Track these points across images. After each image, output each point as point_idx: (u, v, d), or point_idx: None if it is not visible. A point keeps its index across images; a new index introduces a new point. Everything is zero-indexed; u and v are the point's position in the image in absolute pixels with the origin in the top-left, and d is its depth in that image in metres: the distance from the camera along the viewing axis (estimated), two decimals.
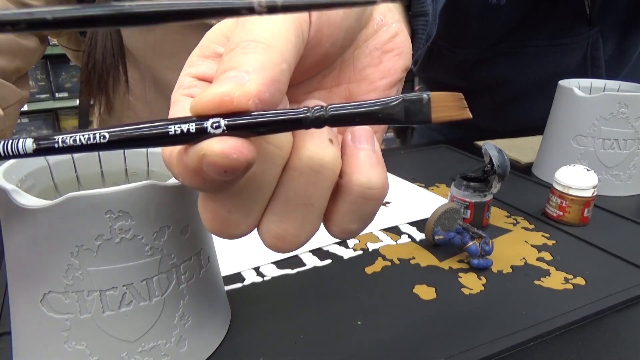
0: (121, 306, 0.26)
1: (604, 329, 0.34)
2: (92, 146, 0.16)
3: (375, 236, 0.47)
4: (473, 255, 0.41)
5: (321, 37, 0.20)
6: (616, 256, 0.44)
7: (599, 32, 0.75)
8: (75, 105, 2.33)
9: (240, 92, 0.15)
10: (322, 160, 0.18)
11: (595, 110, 0.56)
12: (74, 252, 0.25)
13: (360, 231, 0.21)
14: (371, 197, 0.19)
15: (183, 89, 0.19)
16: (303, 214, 0.19)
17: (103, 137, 0.16)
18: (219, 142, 0.15)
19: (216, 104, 0.15)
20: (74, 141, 0.16)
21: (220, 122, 0.15)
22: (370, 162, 0.19)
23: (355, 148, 0.19)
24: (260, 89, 0.16)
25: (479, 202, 0.48)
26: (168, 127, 0.16)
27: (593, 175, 0.49)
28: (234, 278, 0.39)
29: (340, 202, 0.20)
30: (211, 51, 0.20)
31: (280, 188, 0.19)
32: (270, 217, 0.19)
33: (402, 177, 0.62)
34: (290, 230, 0.19)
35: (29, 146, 0.16)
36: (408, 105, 0.17)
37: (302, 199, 0.19)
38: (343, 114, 0.17)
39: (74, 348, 0.26)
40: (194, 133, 0.16)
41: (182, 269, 0.28)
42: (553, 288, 0.39)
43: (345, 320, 0.35)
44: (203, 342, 0.31)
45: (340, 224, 0.20)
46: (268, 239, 0.19)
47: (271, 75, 0.16)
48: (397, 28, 0.24)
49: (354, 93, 0.24)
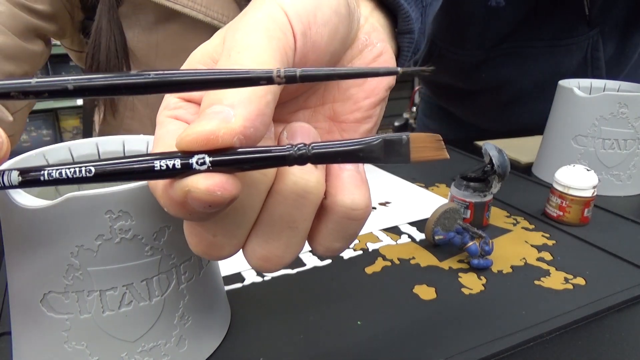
0: (121, 306, 0.26)
1: (604, 329, 0.34)
2: (78, 179, 0.16)
3: (375, 236, 0.47)
4: (473, 255, 0.41)
5: (306, 62, 0.20)
6: (616, 256, 0.44)
7: (599, 33, 0.75)
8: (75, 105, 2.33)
9: (225, 129, 0.15)
10: (306, 185, 0.18)
11: (595, 110, 0.56)
12: (74, 252, 0.25)
13: (344, 249, 0.21)
14: (355, 218, 0.19)
15: (169, 110, 0.20)
16: (287, 236, 0.19)
17: (89, 171, 0.16)
18: (205, 178, 0.15)
19: (202, 142, 0.16)
20: (59, 174, 0.16)
21: (205, 159, 0.16)
22: (354, 183, 0.19)
23: (340, 169, 0.20)
24: (245, 124, 0.16)
25: (479, 202, 0.48)
26: (154, 162, 0.16)
27: (593, 175, 0.49)
28: (234, 278, 0.40)
29: (325, 222, 0.20)
30: None
31: (264, 212, 0.19)
32: (255, 240, 0.19)
33: (402, 177, 0.62)
34: (275, 251, 0.19)
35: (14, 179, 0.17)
36: (388, 145, 0.17)
37: (287, 222, 0.19)
38: (325, 152, 0.17)
39: (74, 348, 0.26)
40: (179, 169, 0.16)
41: (182, 269, 0.28)
42: (553, 288, 0.39)
43: (345, 320, 0.35)
44: (203, 342, 0.31)
45: (324, 243, 0.20)
46: (253, 260, 0.20)
47: (256, 109, 0.16)
48: (382, 48, 0.24)
49: (338, 112, 0.24)
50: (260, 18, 0.18)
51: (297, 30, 0.19)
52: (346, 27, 0.22)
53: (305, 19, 0.19)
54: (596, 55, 0.77)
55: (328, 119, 0.24)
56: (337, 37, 0.21)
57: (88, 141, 0.32)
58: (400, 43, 0.29)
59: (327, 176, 0.20)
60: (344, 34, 0.22)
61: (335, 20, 0.21)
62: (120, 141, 0.33)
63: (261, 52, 0.17)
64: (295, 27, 0.19)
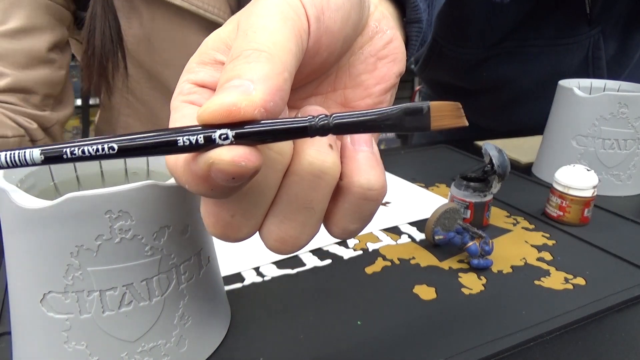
0: (121, 306, 0.26)
1: (604, 329, 0.34)
2: (100, 156, 0.16)
3: (375, 236, 0.47)
4: (473, 255, 0.41)
5: (320, 46, 0.20)
6: (616, 256, 0.44)
7: (600, 33, 0.75)
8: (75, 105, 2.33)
9: (247, 102, 0.16)
10: (322, 165, 0.19)
11: (595, 110, 0.56)
12: (74, 252, 0.25)
13: (359, 231, 0.21)
14: (371, 198, 0.20)
15: (183, 95, 0.20)
16: (304, 217, 0.19)
17: (112, 149, 0.16)
18: (228, 150, 0.16)
19: (224, 114, 0.16)
20: (82, 152, 0.16)
21: (228, 133, 0.16)
22: (370, 164, 0.20)
23: (355, 150, 0.20)
24: (265, 99, 0.16)
25: (479, 202, 0.48)
26: (177, 137, 0.16)
27: (593, 175, 0.49)
28: (234, 278, 0.39)
29: (341, 203, 0.20)
30: (210, 58, 0.20)
31: (281, 192, 0.19)
32: (271, 220, 0.19)
33: (402, 177, 0.62)
34: (291, 232, 0.19)
35: (36, 156, 0.17)
36: (409, 113, 0.17)
37: (303, 203, 0.19)
38: (347, 122, 0.17)
39: (74, 348, 0.26)
40: (202, 144, 0.16)
41: (182, 269, 0.28)
42: (553, 288, 0.39)
43: (345, 320, 0.35)
44: (203, 342, 0.31)
45: (340, 224, 0.20)
46: (269, 241, 0.20)
47: (275, 85, 0.16)
48: (392, 35, 0.24)
49: (349, 99, 0.24)
50: (274, 2, 0.19)
51: (310, 14, 0.19)
52: (358, 14, 0.22)
53: (318, 4, 0.20)
54: (597, 55, 0.76)
55: (339, 105, 0.24)
56: (349, 22, 0.21)
57: None
58: (408, 32, 0.30)
59: (343, 158, 0.20)
60: (355, 19, 0.22)
61: (347, 6, 0.21)
62: None
63: (276, 33, 0.18)
64: (309, 12, 0.19)
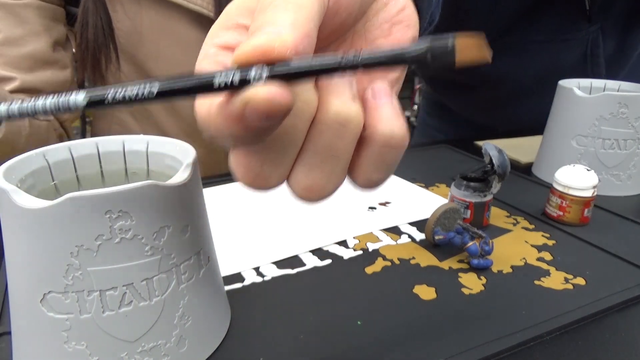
0: (121, 306, 0.26)
1: (604, 329, 0.34)
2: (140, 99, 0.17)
3: (375, 236, 0.47)
4: (473, 255, 0.41)
5: (339, 7, 0.21)
6: (616, 256, 0.44)
7: (599, 30, 0.75)
8: None
9: (280, 42, 0.17)
10: (348, 114, 0.19)
11: (595, 110, 0.56)
12: (74, 252, 0.25)
13: (382, 182, 0.22)
14: (394, 146, 0.20)
15: (209, 58, 0.20)
16: (330, 165, 0.20)
17: (151, 94, 0.17)
18: (263, 88, 0.16)
19: (259, 54, 0.16)
20: (123, 97, 0.17)
21: (262, 72, 0.16)
22: (392, 114, 0.20)
23: (376, 102, 0.21)
24: (297, 41, 0.17)
25: (479, 202, 0.48)
26: (213, 78, 0.17)
27: (593, 175, 0.49)
28: (234, 278, 0.40)
29: (365, 152, 0.21)
30: (233, 23, 0.21)
31: (308, 142, 0.20)
32: (299, 169, 0.20)
33: (402, 177, 0.62)
34: (318, 181, 0.20)
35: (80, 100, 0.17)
36: (434, 49, 0.17)
37: (329, 151, 0.20)
38: (374, 58, 0.17)
39: (74, 348, 0.26)
40: (236, 86, 0.17)
41: (182, 268, 0.28)
42: (553, 288, 0.39)
43: (345, 320, 0.35)
44: (203, 342, 0.31)
45: (364, 174, 0.21)
46: (297, 190, 0.21)
47: (304, 31, 0.17)
48: (405, 2, 0.25)
49: None
50: None
51: None
52: None
53: None
54: (596, 52, 0.76)
55: None
56: None
57: (88, 141, 0.32)
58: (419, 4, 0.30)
59: (365, 110, 0.21)
60: None
61: None
62: (120, 141, 0.33)
63: None
64: None
